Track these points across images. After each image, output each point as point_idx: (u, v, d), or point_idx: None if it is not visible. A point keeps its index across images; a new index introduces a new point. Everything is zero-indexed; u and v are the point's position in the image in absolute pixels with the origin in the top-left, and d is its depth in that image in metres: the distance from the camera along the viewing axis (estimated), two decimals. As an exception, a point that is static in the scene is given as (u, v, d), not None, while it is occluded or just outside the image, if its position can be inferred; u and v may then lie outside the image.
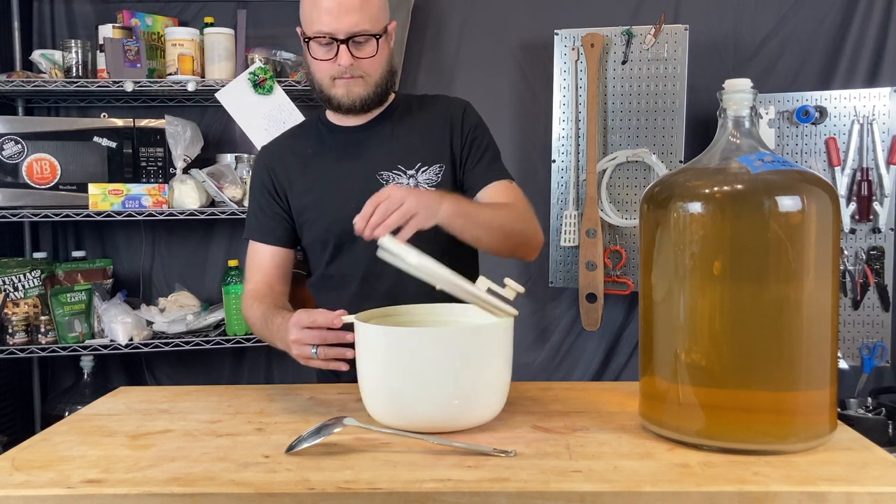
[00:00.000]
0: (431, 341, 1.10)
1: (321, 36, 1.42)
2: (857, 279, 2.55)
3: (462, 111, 1.58)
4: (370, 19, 1.42)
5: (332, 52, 1.44)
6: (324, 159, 1.56)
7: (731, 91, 1.09)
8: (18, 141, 2.38)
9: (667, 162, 2.57)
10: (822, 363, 1.02)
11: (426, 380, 1.09)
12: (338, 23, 1.40)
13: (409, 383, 1.09)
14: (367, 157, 1.54)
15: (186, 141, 2.52)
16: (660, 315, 1.07)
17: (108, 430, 1.17)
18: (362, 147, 1.55)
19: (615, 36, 2.60)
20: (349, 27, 1.41)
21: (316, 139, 1.60)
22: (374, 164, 1.52)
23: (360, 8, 1.41)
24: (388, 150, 1.54)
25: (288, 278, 1.60)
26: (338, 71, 1.45)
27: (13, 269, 2.46)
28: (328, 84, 1.48)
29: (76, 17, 2.76)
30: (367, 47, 1.44)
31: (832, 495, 0.90)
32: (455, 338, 1.11)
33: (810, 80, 2.73)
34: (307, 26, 1.45)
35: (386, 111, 1.57)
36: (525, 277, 2.71)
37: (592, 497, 0.90)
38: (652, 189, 1.10)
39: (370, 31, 1.43)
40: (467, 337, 1.11)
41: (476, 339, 1.11)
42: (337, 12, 1.40)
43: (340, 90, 1.47)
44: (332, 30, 1.41)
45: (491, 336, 1.13)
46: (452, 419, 1.11)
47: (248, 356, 2.83)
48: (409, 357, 1.09)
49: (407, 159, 1.53)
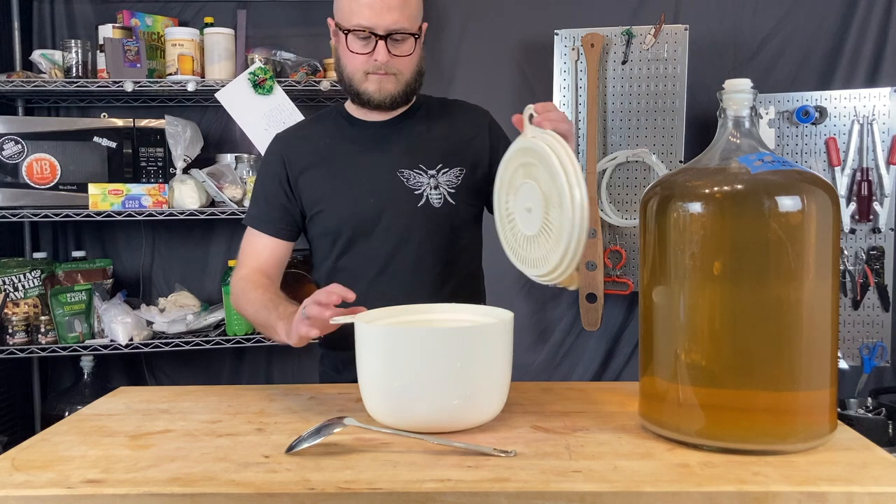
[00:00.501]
0: (431, 341, 1.10)
1: (360, 29, 1.42)
2: (857, 279, 2.55)
3: (488, 121, 1.61)
4: (409, 18, 1.44)
5: (368, 47, 1.44)
6: (343, 151, 1.56)
7: (731, 91, 1.09)
8: (18, 141, 2.38)
9: (667, 162, 2.57)
10: (822, 363, 1.02)
11: (426, 380, 1.09)
12: (378, 18, 1.41)
13: (408, 383, 1.09)
14: (389, 153, 1.54)
15: (186, 141, 2.52)
16: (660, 315, 1.07)
17: (108, 430, 1.17)
18: (385, 143, 1.55)
19: (615, 36, 2.60)
20: (389, 24, 1.41)
21: (335, 130, 1.59)
22: (395, 161, 1.53)
23: (401, 6, 1.42)
24: (410, 148, 1.54)
25: (281, 271, 1.60)
26: (373, 66, 1.45)
27: (13, 269, 2.46)
28: (360, 78, 1.48)
29: (76, 17, 2.76)
30: (404, 45, 1.45)
31: (832, 495, 0.90)
32: (455, 338, 1.10)
33: (810, 80, 2.73)
34: (345, 18, 1.44)
35: (409, 110, 1.58)
36: (525, 278, 2.70)
37: (592, 497, 0.90)
38: (652, 189, 1.10)
39: (408, 29, 1.44)
40: (467, 337, 1.11)
41: (476, 339, 1.11)
42: (379, 8, 1.40)
43: (372, 85, 1.48)
44: (372, 24, 1.41)
45: (491, 336, 1.13)
46: (452, 419, 1.11)
47: (248, 356, 2.83)
48: (409, 357, 1.09)
49: (428, 159, 1.54)
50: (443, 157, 1.54)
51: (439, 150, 1.55)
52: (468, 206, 1.57)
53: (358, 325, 1.16)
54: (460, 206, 1.54)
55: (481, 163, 1.57)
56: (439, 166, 1.54)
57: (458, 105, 1.65)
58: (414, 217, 1.52)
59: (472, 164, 1.56)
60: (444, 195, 1.53)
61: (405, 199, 1.51)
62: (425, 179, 1.52)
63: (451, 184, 1.54)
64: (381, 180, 1.51)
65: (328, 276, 1.58)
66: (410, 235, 1.52)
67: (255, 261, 1.56)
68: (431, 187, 1.52)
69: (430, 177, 1.52)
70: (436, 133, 1.57)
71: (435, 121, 1.59)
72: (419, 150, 1.54)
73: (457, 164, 1.55)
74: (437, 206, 1.52)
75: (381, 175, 1.52)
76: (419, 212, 1.52)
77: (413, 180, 1.52)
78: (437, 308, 1.30)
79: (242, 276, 1.54)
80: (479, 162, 1.57)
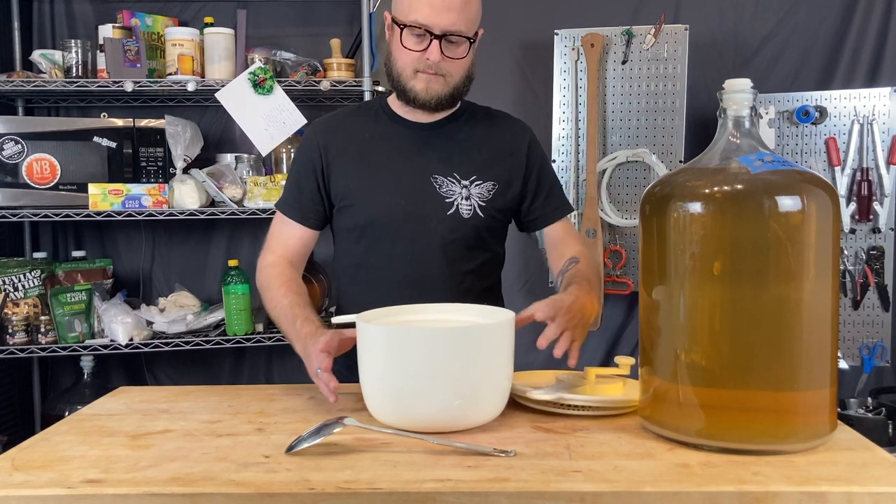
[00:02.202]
0: (431, 341, 1.10)
1: (416, 26, 1.41)
2: (857, 279, 2.55)
3: (528, 138, 1.61)
4: (467, 21, 1.43)
5: (422, 45, 1.43)
6: (380, 147, 1.55)
7: (731, 91, 1.09)
8: (18, 141, 2.38)
9: (667, 162, 2.57)
10: (822, 363, 1.02)
11: (426, 380, 1.09)
12: (437, 17, 1.40)
13: (409, 383, 1.09)
14: (425, 157, 1.54)
15: (186, 141, 2.51)
16: (660, 315, 1.07)
17: (108, 430, 1.17)
18: (423, 145, 1.55)
19: (615, 36, 2.60)
20: (447, 24, 1.41)
21: (375, 125, 1.58)
22: (431, 165, 1.53)
23: (460, 8, 1.41)
24: (447, 154, 1.54)
25: (305, 259, 1.61)
26: (424, 65, 1.45)
27: (13, 269, 2.46)
28: (409, 75, 1.47)
29: (76, 17, 2.76)
30: (459, 48, 1.45)
31: (832, 495, 0.90)
32: (456, 337, 1.11)
33: (810, 80, 2.73)
34: (403, 13, 1.44)
35: (453, 115, 1.58)
36: (525, 278, 2.71)
37: (592, 497, 0.90)
38: (652, 189, 1.10)
39: (465, 32, 1.44)
40: (468, 336, 1.11)
41: (477, 339, 1.11)
42: (439, 7, 1.40)
43: (420, 84, 1.47)
44: (430, 23, 1.41)
45: (492, 336, 1.13)
46: (454, 419, 1.11)
47: (248, 356, 2.83)
48: (410, 357, 1.09)
49: (463, 169, 1.53)
50: (478, 170, 1.54)
51: (476, 161, 1.55)
52: (496, 220, 1.56)
53: (360, 325, 1.16)
54: (488, 220, 1.54)
55: (515, 181, 1.57)
56: (473, 178, 1.53)
57: (501, 117, 1.64)
58: (442, 224, 1.51)
59: (507, 181, 1.56)
60: (474, 206, 1.52)
61: (436, 205, 1.51)
62: (458, 189, 1.52)
63: (483, 197, 1.53)
64: (414, 183, 1.51)
65: (349, 271, 1.59)
66: (436, 242, 1.51)
67: (284, 248, 1.56)
68: (463, 197, 1.52)
69: (462, 187, 1.52)
70: (475, 143, 1.57)
71: (476, 130, 1.58)
72: (456, 158, 1.54)
73: (491, 179, 1.54)
74: (466, 217, 1.52)
75: (414, 178, 1.52)
76: (448, 220, 1.51)
77: (445, 188, 1.51)
78: (439, 308, 1.30)
79: (269, 263, 1.55)
80: (512, 179, 1.57)
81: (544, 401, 1.19)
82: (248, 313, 2.49)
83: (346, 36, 2.67)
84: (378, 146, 1.55)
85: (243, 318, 2.48)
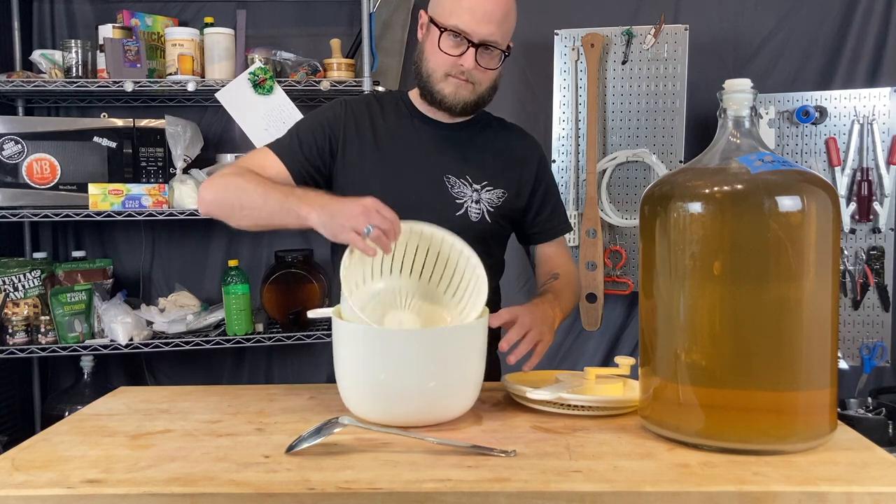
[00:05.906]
0: (403, 340, 1.15)
1: (456, 31, 1.43)
2: (857, 279, 2.55)
3: (539, 154, 1.64)
4: (503, 34, 1.46)
5: (458, 50, 1.44)
6: (397, 139, 1.56)
7: (731, 91, 1.09)
8: (18, 141, 2.38)
9: (667, 162, 2.57)
10: (822, 363, 1.02)
11: (403, 377, 1.13)
12: (477, 26, 1.42)
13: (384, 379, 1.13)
14: (441, 156, 1.55)
15: (186, 141, 2.51)
16: (660, 315, 1.07)
17: (108, 430, 1.17)
18: (440, 144, 1.56)
19: (615, 36, 2.60)
20: (485, 34, 1.43)
21: (395, 116, 1.59)
22: (444, 165, 1.54)
23: (500, 20, 1.44)
24: (462, 157, 1.56)
25: None
26: (456, 70, 1.46)
27: (13, 269, 2.46)
28: (439, 77, 1.48)
29: (76, 17, 2.76)
30: (492, 59, 1.47)
31: (832, 495, 0.90)
32: (429, 338, 1.16)
33: (810, 80, 2.73)
34: (444, 16, 1.45)
35: (470, 120, 1.60)
36: (525, 277, 2.71)
37: (592, 497, 0.90)
38: (652, 189, 1.10)
39: (500, 44, 1.46)
40: (440, 337, 1.17)
41: (447, 339, 1.16)
42: (480, 16, 1.42)
43: (449, 87, 1.48)
44: (469, 30, 1.42)
45: (461, 336, 1.18)
46: (430, 413, 1.15)
47: (248, 356, 2.83)
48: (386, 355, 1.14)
49: (476, 173, 1.55)
50: (490, 176, 1.56)
51: (489, 167, 1.57)
52: (501, 227, 1.59)
53: (335, 321, 1.20)
54: (495, 226, 1.56)
55: (523, 192, 1.60)
56: (485, 183, 1.55)
57: (515, 129, 1.67)
58: (449, 224, 1.50)
59: (516, 192, 1.59)
60: (483, 211, 1.54)
61: (445, 205, 1.52)
62: (469, 191, 1.53)
63: (492, 202, 1.55)
64: (427, 180, 1.52)
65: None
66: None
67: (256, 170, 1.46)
68: (473, 201, 1.53)
69: (473, 190, 1.54)
70: (490, 150, 1.59)
71: (492, 138, 1.61)
72: (470, 161, 1.56)
73: (501, 186, 1.56)
74: (475, 220, 1.53)
75: (427, 175, 1.53)
76: (456, 221, 1.51)
77: (457, 189, 1.53)
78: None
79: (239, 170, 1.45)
80: (521, 190, 1.60)
81: (544, 401, 1.19)
82: (248, 313, 2.49)
83: (346, 36, 2.67)
84: (396, 138, 1.56)
85: (243, 318, 2.48)
